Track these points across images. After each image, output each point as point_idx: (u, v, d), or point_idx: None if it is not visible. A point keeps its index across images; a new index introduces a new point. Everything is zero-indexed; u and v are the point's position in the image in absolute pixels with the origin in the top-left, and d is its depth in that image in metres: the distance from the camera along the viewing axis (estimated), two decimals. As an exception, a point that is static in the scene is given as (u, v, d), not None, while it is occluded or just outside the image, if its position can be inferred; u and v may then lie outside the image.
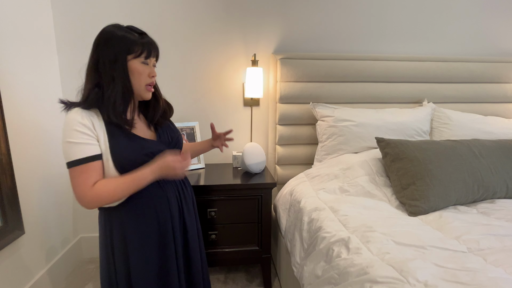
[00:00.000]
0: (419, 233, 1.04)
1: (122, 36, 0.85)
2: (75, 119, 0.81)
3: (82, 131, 0.81)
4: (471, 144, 1.42)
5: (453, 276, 0.80)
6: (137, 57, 0.87)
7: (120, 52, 0.85)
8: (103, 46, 0.85)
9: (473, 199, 1.33)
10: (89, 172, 0.83)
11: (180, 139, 1.05)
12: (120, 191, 0.85)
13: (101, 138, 0.84)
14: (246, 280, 1.73)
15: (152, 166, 0.87)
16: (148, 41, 0.89)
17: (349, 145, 1.69)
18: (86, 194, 0.83)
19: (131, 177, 0.85)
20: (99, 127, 0.84)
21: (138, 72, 0.88)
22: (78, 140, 0.81)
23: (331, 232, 1.10)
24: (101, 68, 0.85)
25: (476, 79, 1.96)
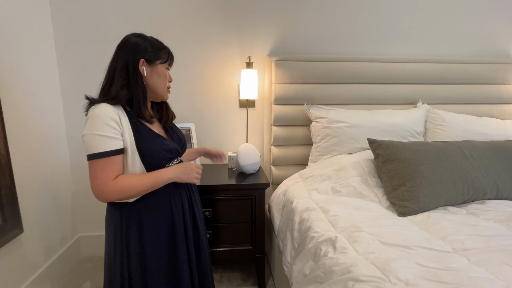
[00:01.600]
0: (406, 233, 1.06)
1: (151, 43, 0.98)
2: (106, 113, 0.87)
3: (111, 125, 0.87)
4: (462, 146, 1.43)
5: (434, 276, 0.82)
6: (164, 63, 1.01)
7: (150, 57, 0.96)
8: (133, 51, 0.95)
9: (463, 200, 1.34)
10: (111, 166, 0.87)
11: (185, 142, 1.14)
12: (140, 186, 0.90)
13: (126, 133, 0.91)
14: (241, 279, 1.75)
15: (174, 167, 0.97)
16: (169, 51, 1.03)
17: (343, 146, 1.71)
18: (108, 186, 0.87)
19: (152, 175, 0.92)
20: (125, 123, 0.91)
21: (164, 75, 1.01)
22: (106, 134, 0.86)
23: (319, 232, 1.12)
24: (130, 69, 0.94)
25: (471, 80, 1.97)
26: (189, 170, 0.99)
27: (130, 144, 0.91)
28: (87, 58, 1.76)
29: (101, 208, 1.96)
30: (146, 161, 0.93)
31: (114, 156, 0.88)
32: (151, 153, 0.94)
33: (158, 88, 1.00)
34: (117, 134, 0.89)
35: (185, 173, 0.98)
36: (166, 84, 1.02)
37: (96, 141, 0.86)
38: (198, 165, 1.02)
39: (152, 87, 1.00)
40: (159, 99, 1.05)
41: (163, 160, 0.97)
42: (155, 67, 0.98)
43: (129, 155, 0.91)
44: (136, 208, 0.96)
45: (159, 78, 1.00)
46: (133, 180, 0.90)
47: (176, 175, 0.97)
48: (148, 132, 0.96)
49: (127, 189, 0.88)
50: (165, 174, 0.95)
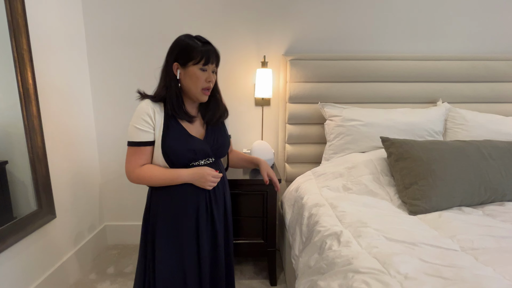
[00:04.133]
0: (413, 230, 1.06)
1: (185, 44, 1.01)
2: (143, 109, 1.00)
3: (145, 119, 1.00)
4: (481, 145, 1.38)
5: (436, 271, 0.82)
6: (196, 64, 1.00)
7: (180, 58, 1.01)
8: (171, 53, 1.03)
9: (480, 201, 1.30)
10: (140, 154, 1.01)
11: (223, 145, 1.15)
12: (157, 180, 1.02)
13: (157, 128, 1.01)
14: (254, 272, 1.80)
15: (190, 170, 1.03)
16: (208, 49, 1.01)
17: (356, 144, 1.70)
18: (133, 171, 1.02)
19: (170, 172, 1.01)
20: (159, 118, 1.01)
21: (196, 77, 1.01)
22: (140, 126, 1.00)
23: (326, 226, 1.14)
24: (168, 70, 1.03)
25: (497, 78, 1.89)
26: (203, 178, 1.03)
27: (158, 138, 1.01)
28: (115, 60, 1.90)
29: (126, 199, 2.09)
30: (167, 157, 1.01)
31: (143, 147, 1.01)
32: (172, 150, 1.00)
33: (191, 90, 1.03)
34: (149, 128, 1.00)
35: (199, 179, 1.03)
36: (199, 85, 1.02)
37: (132, 131, 1.01)
38: (215, 174, 1.05)
39: (185, 89, 1.04)
40: (196, 100, 1.08)
41: (184, 159, 1.03)
42: (187, 69, 1.01)
43: (155, 148, 1.02)
44: (157, 195, 1.07)
45: (191, 80, 1.02)
46: (154, 172, 1.01)
47: (191, 178, 1.02)
48: (177, 130, 1.03)
49: (147, 178, 1.02)
50: (182, 174, 1.02)
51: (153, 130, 1.01)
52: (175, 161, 1.02)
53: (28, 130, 1.41)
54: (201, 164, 1.07)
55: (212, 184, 1.05)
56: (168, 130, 1.01)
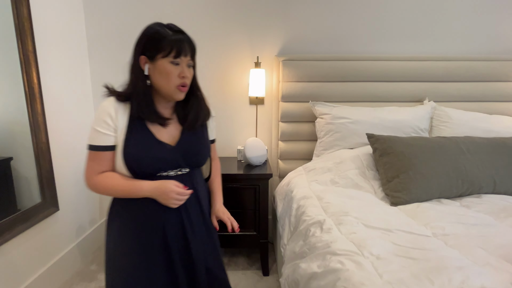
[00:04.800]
0: (390, 219, 1.14)
1: (153, 33, 0.85)
2: (104, 108, 0.86)
3: (105, 120, 0.85)
4: (460, 141, 1.46)
5: (405, 253, 0.90)
6: (166, 56, 0.85)
7: (147, 50, 0.86)
8: (138, 44, 0.88)
9: (458, 193, 1.38)
10: (99, 160, 0.87)
11: (200, 152, 0.98)
12: (115, 192, 0.88)
13: (119, 131, 0.86)
14: (247, 263, 1.89)
15: (152, 183, 0.87)
16: (179, 39, 0.85)
17: (345, 141, 1.78)
18: (90, 179, 0.89)
19: (131, 184, 0.87)
20: (122, 120, 0.87)
21: (166, 72, 0.85)
22: (100, 129, 0.85)
23: (311, 216, 1.22)
24: (134, 65, 0.88)
25: (481, 77, 1.96)
26: (165, 195, 0.86)
27: (119, 143, 0.87)
28: (115, 60, 1.98)
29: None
30: (128, 165, 0.86)
31: (102, 152, 0.87)
32: (133, 157, 0.86)
33: (162, 87, 0.88)
34: (110, 130, 0.86)
35: (160, 196, 0.87)
36: (171, 82, 0.86)
37: (91, 133, 0.87)
38: (180, 190, 0.87)
39: (156, 86, 0.89)
40: (170, 99, 0.92)
41: (148, 169, 0.88)
42: (156, 63, 0.85)
43: (116, 154, 0.88)
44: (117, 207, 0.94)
45: (160, 76, 0.86)
46: (112, 182, 0.87)
47: (152, 193, 0.87)
48: (142, 134, 0.88)
49: (104, 188, 0.88)
50: (143, 188, 0.86)
51: (115, 133, 0.87)
52: (138, 170, 0.87)
53: (33, 126, 1.50)
54: (170, 175, 0.91)
55: (177, 203, 0.88)
56: (131, 134, 0.86)
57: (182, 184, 0.89)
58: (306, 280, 0.93)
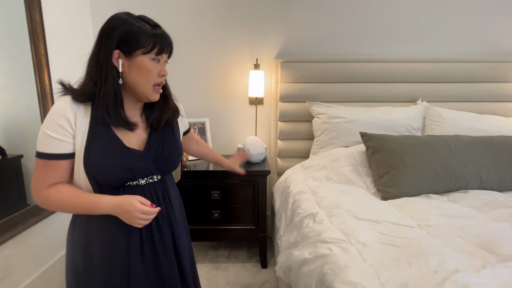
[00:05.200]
0: (379, 212, 1.22)
1: (131, 26, 0.75)
2: (59, 110, 0.74)
3: (60, 124, 0.73)
4: (448, 139, 1.54)
5: (389, 241, 0.98)
6: (147, 53, 0.76)
7: (123, 44, 0.75)
8: (108, 36, 0.75)
9: (446, 189, 1.46)
10: (50, 170, 0.75)
11: (173, 155, 0.88)
12: (69, 208, 0.76)
13: (78, 136, 0.75)
14: (247, 257, 1.97)
15: (113, 199, 0.75)
16: (161, 33, 0.78)
17: (340, 139, 1.86)
18: (39, 192, 0.76)
19: (87, 200, 0.75)
20: (81, 123, 0.75)
21: (146, 70, 0.77)
22: (53, 134, 0.73)
23: (305, 209, 1.30)
24: (101, 60, 0.75)
25: (473, 78, 2.03)
26: (128, 214, 0.74)
27: (78, 150, 0.75)
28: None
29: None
30: (91, 176, 0.75)
31: (55, 161, 0.74)
32: (98, 167, 0.75)
33: (139, 86, 0.78)
34: (66, 136, 0.74)
35: (124, 215, 0.75)
36: (150, 80, 0.79)
37: (42, 138, 0.74)
38: (146, 209, 0.75)
39: (131, 85, 0.78)
40: (144, 99, 0.82)
41: (115, 179, 0.78)
42: (134, 59, 0.76)
43: (75, 163, 0.76)
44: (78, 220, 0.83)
45: (139, 74, 0.77)
46: (66, 197, 0.75)
47: (113, 210, 0.75)
48: (107, 140, 0.77)
49: (53, 204, 0.76)
50: (102, 204, 0.75)
51: (72, 139, 0.75)
52: (103, 181, 0.76)
53: (44, 125, 1.59)
54: (140, 184, 0.82)
55: (142, 222, 0.76)
56: (94, 140, 0.75)
57: (148, 201, 0.77)
58: (298, 265, 1.01)
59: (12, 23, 1.43)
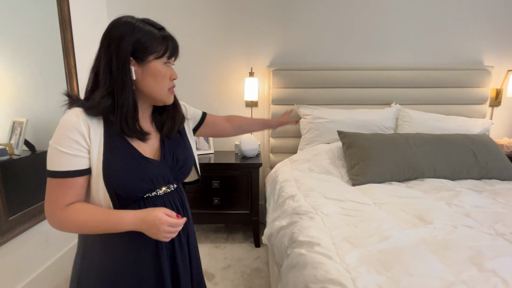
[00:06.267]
0: (345, 194, 1.52)
1: (141, 31, 0.72)
2: (71, 123, 0.69)
3: (75, 139, 0.69)
4: (409, 137, 1.84)
5: (347, 212, 1.29)
6: (160, 57, 0.75)
7: (136, 51, 0.72)
8: (118, 44, 0.71)
9: (406, 178, 1.76)
10: (66, 189, 0.70)
11: (186, 162, 0.87)
12: (89, 228, 0.72)
13: (94, 150, 0.72)
14: (243, 238, 2.28)
15: (137, 214, 0.72)
16: (169, 36, 0.78)
17: (323, 137, 2.17)
18: (54, 214, 0.71)
19: (109, 217, 0.71)
20: (95, 137, 0.72)
21: (161, 75, 0.76)
22: (66, 150, 0.69)
23: (287, 192, 1.61)
24: (114, 70, 0.72)
25: (442, 84, 2.33)
26: (155, 229, 0.71)
27: (96, 165, 0.71)
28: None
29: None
30: (112, 190, 0.72)
31: (70, 179, 0.70)
32: (119, 180, 0.72)
33: (155, 92, 0.77)
34: (81, 151, 0.70)
35: (149, 229, 0.72)
36: (166, 84, 0.78)
37: (54, 156, 0.70)
38: (173, 221, 0.72)
39: (146, 91, 0.77)
40: (159, 103, 0.81)
41: (136, 192, 0.75)
42: (147, 66, 0.74)
43: (93, 178, 0.72)
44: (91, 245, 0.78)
45: (154, 79, 0.75)
46: (85, 216, 0.71)
47: (138, 226, 0.72)
48: (125, 152, 0.75)
49: (73, 224, 0.71)
50: (125, 221, 0.71)
51: (88, 153, 0.71)
52: (125, 195, 0.74)
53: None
54: (159, 194, 0.80)
55: (170, 236, 0.74)
56: (111, 153, 0.73)
57: (174, 212, 0.74)
58: (277, 231, 1.32)
59: (49, 41, 1.74)
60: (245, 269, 1.89)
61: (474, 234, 1.09)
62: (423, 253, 0.95)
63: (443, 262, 0.91)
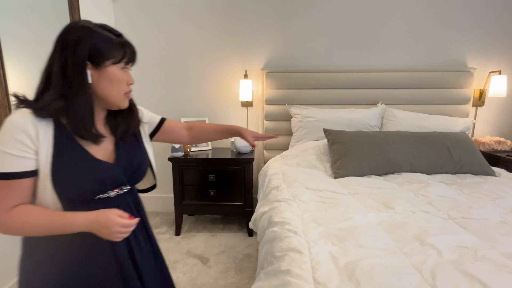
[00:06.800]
0: (324, 185, 1.68)
1: (98, 36, 0.74)
2: (17, 124, 0.69)
3: (21, 140, 0.68)
4: (389, 134, 2.00)
5: (321, 200, 1.46)
6: (117, 63, 0.77)
7: (92, 55, 0.73)
8: (74, 47, 0.72)
9: (384, 172, 1.91)
10: (11, 191, 0.69)
11: (142, 167, 0.88)
12: (37, 230, 0.70)
13: (42, 152, 0.71)
14: (237, 229, 2.46)
15: (88, 215, 0.71)
16: (127, 43, 0.79)
17: (311, 135, 2.33)
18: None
19: (59, 218, 0.70)
20: (44, 138, 0.71)
21: (117, 79, 0.78)
22: (11, 151, 0.68)
23: (274, 184, 1.78)
24: (69, 73, 0.72)
25: (426, 85, 2.47)
26: (107, 229, 0.71)
27: (43, 167, 0.71)
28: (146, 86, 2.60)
29: (145, 177, 2.78)
30: (61, 193, 0.72)
31: (16, 180, 0.69)
32: (69, 183, 0.72)
33: (110, 96, 0.78)
34: (27, 152, 0.69)
35: (102, 231, 0.72)
36: (122, 89, 0.79)
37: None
38: (126, 222, 0.73)
39: (101, 95, 0.78)
40: (114, 107, 0.82)
41: (86, 193, 0.76)
42: (103, 70, 0.76)
43: (40, 180, 0.71)
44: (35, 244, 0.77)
45: (110, 84, 0.77)
46: (32, 219, 0.69)
47: (89, 227, 0.72)
48: (75, 154, 0.75)
49: (20, 226, 0.70)
50: (76, 222, 0.71)
51: (35, 155, 0.70)
52: (74, 196, 0.74)
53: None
54: (110, 196, 0.81)
55: (122, 236, 0.74)
56: (61, 155, 0.72)
57: (126, 213, 0.75)
58: (260, 216, 1.50)
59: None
60: (237, 255, 2.07)
61: (428, 218, 1.25)
62: (377, 231, 1.11)
63: (393, 238, 1.08)
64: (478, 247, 1.01)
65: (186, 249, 2.14)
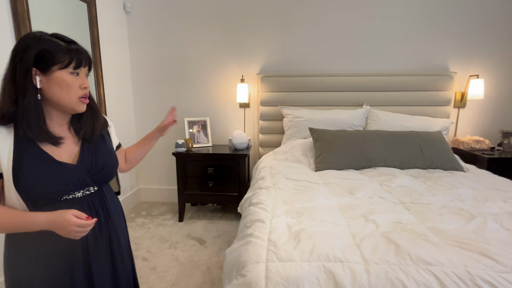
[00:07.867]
0: (304, 176, 1.93)
1: (45, 44, 0.78)
2: None
3: None
4: (366, 133, 2.23)
5: (297, 188, 1.71)
6: (64, 68, 0.80)
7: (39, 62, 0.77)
8: (22, 55, 0.77)
9: (360, 166, 2.14)
10: None
11: (107, 165, 0.92)
12: (4, 228, 0.77)
13: (3, 157, 0.76)
14: (234, 217, 2.74)
15: (47, 216, 0.77)
16: (77, 48, 0.83)
17: (300, 133, 2.58)
18: None
19: (20, 218, 0.76)
20: (4, 143, 0.77)
21: (66, 84, 0.80)
22: None
23: (261, 175, 2.05)
24: (17, 79, 0.77)
25: (408, 88, 2.67)
26: (65, 230, 0.76)
27: (6, 170, 0.76)
28: (154, 89, 2.92)
29: (155, 169, 3.11)
30: (24, 195, 0.77)
31: None
32: (30, 184, 0.77)
33: (63, 100, 0.82)
34: None
35: (60, 230, 0.77)
36: (73, 93, 0.82)
37: None
38: (82, 222, 0.77)
39: (53, 99, 0.81)
40: (71, 112, 0.86)
41: (49, 194, 0.80)
42: (51, 75, 0.79)
43: (5, 183, 0.77)
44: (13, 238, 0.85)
45: (60, 88, 0.80)
46: None
47: (49, 226, 0.77)
48: (36, 157, 0.79)
49: None
50: (37, 221, 0.76)
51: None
52: (37, 197, 0.79)
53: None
54: (77, 196, 0.85)
55: (79, 235, 0.79)
56: (21, 159, 0.77)
57: (84, 214, 0.79)
58: (244, 201, 1.77)
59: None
60: (231, 238, 2.35)
61: (381, 202, 1.49)
62: (332, 210, 1.37)
63: (344, 216, 1.32)
64: (411, 223, 1.24)
65: (187, 232, 2.44)
